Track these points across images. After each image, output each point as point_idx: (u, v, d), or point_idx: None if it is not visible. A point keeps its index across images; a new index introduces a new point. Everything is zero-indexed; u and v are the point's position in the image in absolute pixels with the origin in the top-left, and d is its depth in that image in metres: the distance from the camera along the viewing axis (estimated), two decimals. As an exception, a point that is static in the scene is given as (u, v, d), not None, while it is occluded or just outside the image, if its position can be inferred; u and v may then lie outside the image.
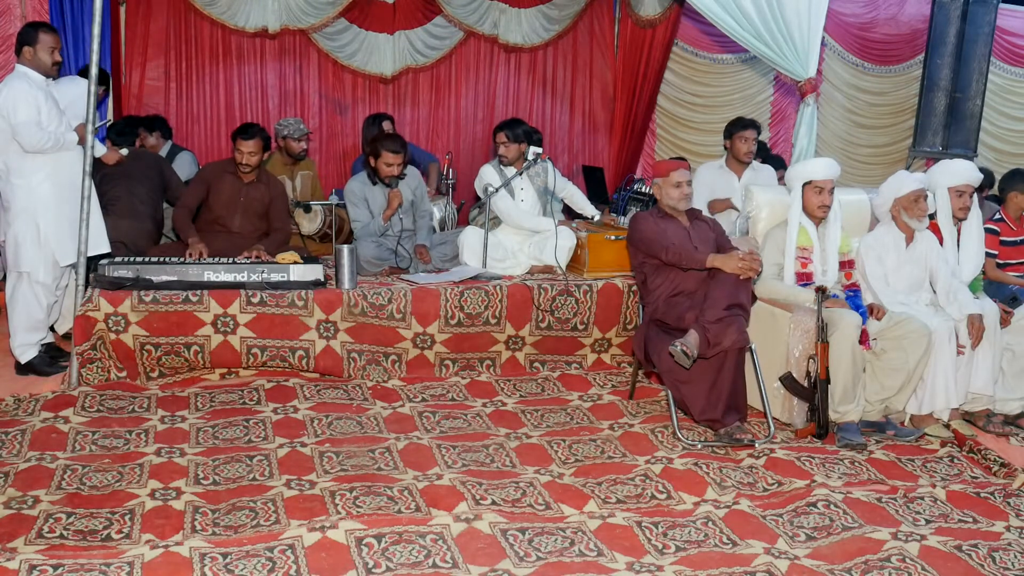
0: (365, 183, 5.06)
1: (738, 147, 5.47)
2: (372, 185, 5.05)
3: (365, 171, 5.09)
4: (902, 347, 3.96)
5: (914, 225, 4.23)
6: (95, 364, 4.21)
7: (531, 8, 7.66)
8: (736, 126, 5.51)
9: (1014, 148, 8.71)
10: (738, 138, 5.46)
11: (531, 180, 5.16)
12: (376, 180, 5.04)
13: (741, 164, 5.51)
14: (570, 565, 2.82)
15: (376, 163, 5.00)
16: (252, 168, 4.90)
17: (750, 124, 5.52)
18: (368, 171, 5.07)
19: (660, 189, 4.19)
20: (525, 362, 4.78)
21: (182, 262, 4.51)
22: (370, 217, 5.02)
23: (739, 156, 5.48)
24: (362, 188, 5.06)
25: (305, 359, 4.42)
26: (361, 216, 5.02)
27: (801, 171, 4.28)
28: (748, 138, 5.44)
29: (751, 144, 5.46)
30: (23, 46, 4.23)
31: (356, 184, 5.09)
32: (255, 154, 4.87)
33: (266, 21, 6.98)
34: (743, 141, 5.45)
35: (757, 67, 7.92)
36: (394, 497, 3.20)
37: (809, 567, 2.87)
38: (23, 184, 4.22)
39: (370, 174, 5.05)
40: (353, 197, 5.06)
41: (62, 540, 2.83)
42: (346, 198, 5.10)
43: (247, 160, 4.86)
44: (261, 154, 4.92)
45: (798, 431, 3.99)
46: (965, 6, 7.91)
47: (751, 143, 5.45)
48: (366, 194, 5.05)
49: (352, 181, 5.14)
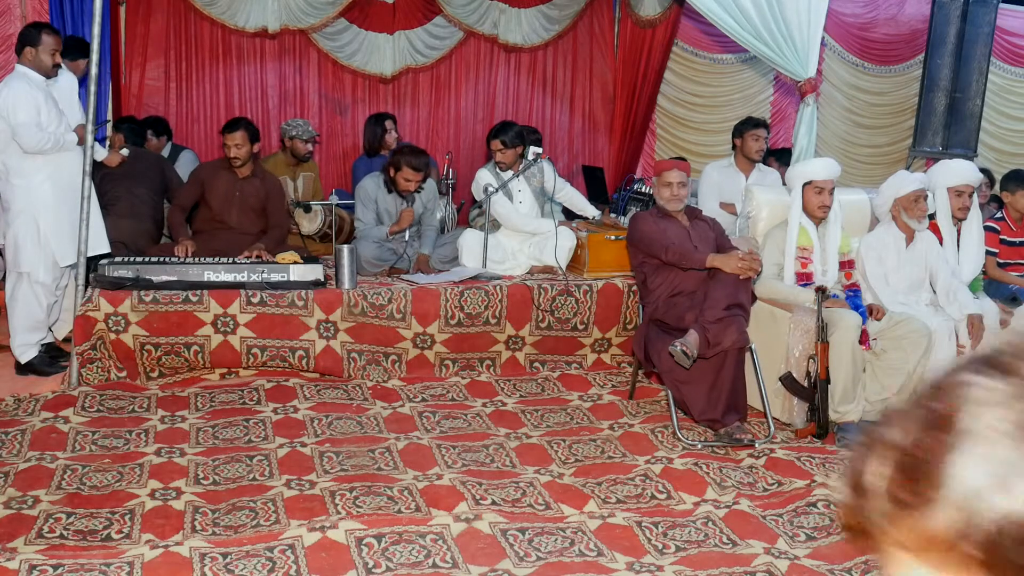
0: (380, 187, 4.99)
1: (749, 145, 5.46)
2: (387, 192, 5.00)
3: (383, 176, 5.02)
4: (902, 347, 3.96)
5: (914, 225, 4.23)
6: (95, 364, 4.21)
7: (531, 8, 7.66)
8: (747, 125, 5.51)
9: (1014, 148, 8.70)
10: (750, 136, 5.46)
11: (528, 181, 5.15)
12: (392, 189, 4.99)
13: (750, 163, 5.51)
14: (570, 565, 2.82)
15: (395, 175, 4.93)
16: (243, 161, 4.88)
17: (761, 123, 5.54)
18: (385, 179, 5.00)
19: (656, 188, 4.22)
20: (525, 362, 4.78)
21: (182, 262, 4.51)
22: (375, 221, 4.98)
23: (750, 155, 5.47)
24: (375, 190, 5.00)
25: (305, 359, 4.42)
26: (367, 218, 4.98)
27: (801, 171, 4.28)
28: (759, 136, 5.45)
29: (762, 143, 5.47)
30: (24, 46, 4.23)
31: (371, 184, 5.02)
32: (242, 145, 4.86)
33: (266, 21, 6.98)
34: (755, 140, 5.45)
35: (757, 67, 7.91)
36: (394, 497, 3.20)
37: (809, 567, 2.87)
38: (23, 184, 4.22)
39: (387, 181, 4.98)
40: (364, 196, 5.00)
41: (62, 540, 2.84)
42: (356, 194, 5.05)
43: (235, 153, 4.85)
44: (249, 145, 4.90)
45: (798, 431, 3.99)
46: (965, 6, 7.91)
47: (762, 141, 5.47)
48: (378, 197, 4.99)
49: (368, 179, 5.06)
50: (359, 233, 5.01)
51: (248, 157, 4.92)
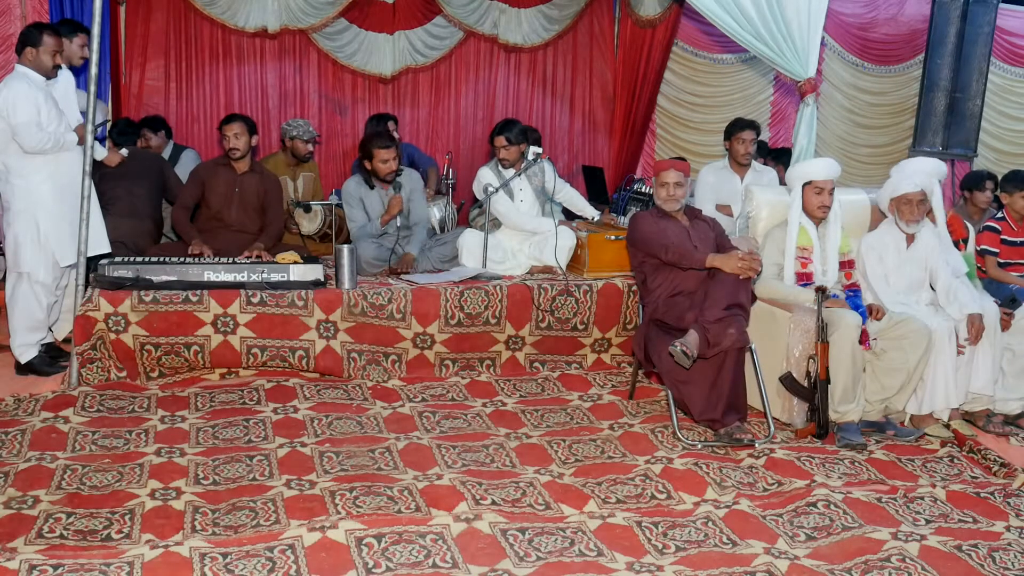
0: (361, 184, 5.07)
1: (736, 148, 5.46)
2: (369, 189, 5.06)
3: (360, 175, 5.10)
4: (902, 347, 3.96)
5: (903, 227, 4.23)
6: (95, 364, 4.21)
7: (531, 8, 7.66)
8: (734, 127, 5.50)
9: (1014, 148, 8.70)
10: (736, 139, 5.45)
11: (529, 180, 5.16)
12: (373, 184, 5.05)
13: (742, 166, 5.51)
14: (570, 565, 2.82)
15: (373, 164, 5.00)
16: (242, 153, 4.88)
17: (748, 125, 5.51)
18: (364, 175, 5.07)
19: (655, 188, 4.22)
20: (525, 362, 4.78)
21: (182, 262, 4.51)
22: (366, 219, 5.03)
23: (737, 157, 5.47)
24: (358, 189, 5.07)
25: (305, 359, 4.42)
26: (357, 217, 5.04)
27: (801, 171, 4.28)
28: (745, 139, 5.42)
29: (749, 145, 5.44)
30: (25, 47, 4.23)
31: (352, 185, 5.10)
32: (241, 135, 4.86)
33: (266, 21, 6.98)
34: (740, 143, 5.43)
35: (757, 67, 7.92)
36: (394, 497, 3.20)
37: (809, 567, 2.87)
38: (23, 184, 4.22)
39: (366, 178, 5.06)
40: (349, 198, 5.08)
41: (62, 540, 2.84)
42: (343, 199, 5.12)
43: (234, 143, 4.85)
44: (248, 136, 4.90)
45: (798, 431, 3.99)
46: (965, 6, 7.91)
47: (748, 144, 5.44)
48: (362, 195, 5.06)
49: (348, 182, 5.15)
50: (354, 235, 5.04)
51: (247, 149, 4.92)
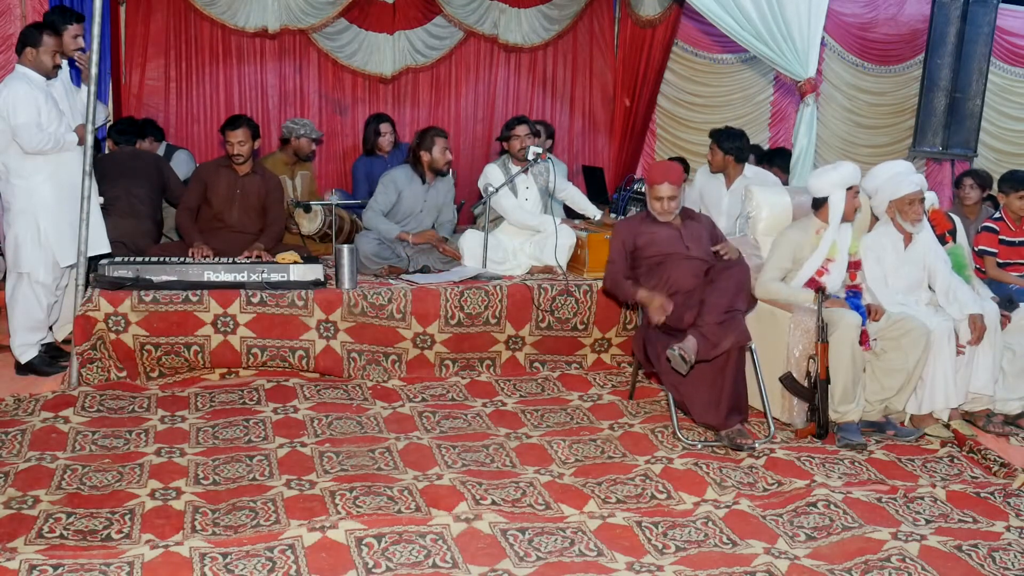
0: (412, 178, 5.02)
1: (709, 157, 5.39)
2: (422, 183, 5.03)
3: (412, 168, 5.03)
4: (901, 347, 3.95)
5: (908, 228, 4.21)
6: (95, 364, 4.21)
7: (531, 8, 7.67)
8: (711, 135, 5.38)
9: (1014, 148, 8.70)
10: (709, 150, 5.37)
11: (535, 178, 5.16)
12: (425, 179, 5.03)
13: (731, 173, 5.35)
14: (570, 565, 2.82)
15: (431, 156, 4.97)
16: (245, 158, 4.89)
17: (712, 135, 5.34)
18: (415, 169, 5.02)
19: (648, 198, 4.16)
20: (525, 362, 4.78)
21: (182, 262, 4.51)
22: (390, 205, 4.97)
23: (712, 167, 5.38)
24: (406, 183, 5.01)
25: (305, 359, 4.42)
26: (382, 201, 4.97)
27: (840, 177, 4.10)
28: (713, 148, 5.30)
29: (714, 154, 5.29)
30: (25, 47, 4.22)
31: (401, 174, 5.03)
32: (244, 142, 4.86)
33: (266, 21, 6.99)
34: (710, 152, 5.35)
35: (757, 67, 7.92)
36: (394, 497, 3.20)
37: (809, 567, 2.87)
38: (23, 185, 4.22)
39: (420, 172, 5.01)
40: (390, 182, 5.00)
41: (62, 540, 2.84)
42: (381, 179, 5.05)
43: (238, 150, 4.86)
44: (251, 142, 4.91)
45: (798, 431, 3.99)
46: (965, 6, 7.91)
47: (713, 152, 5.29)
48: (404, 189, 5.00)
49: (397, 170, 5.08)
50: (367, 217, 4.98)
51: (250, 154, 4.93)
